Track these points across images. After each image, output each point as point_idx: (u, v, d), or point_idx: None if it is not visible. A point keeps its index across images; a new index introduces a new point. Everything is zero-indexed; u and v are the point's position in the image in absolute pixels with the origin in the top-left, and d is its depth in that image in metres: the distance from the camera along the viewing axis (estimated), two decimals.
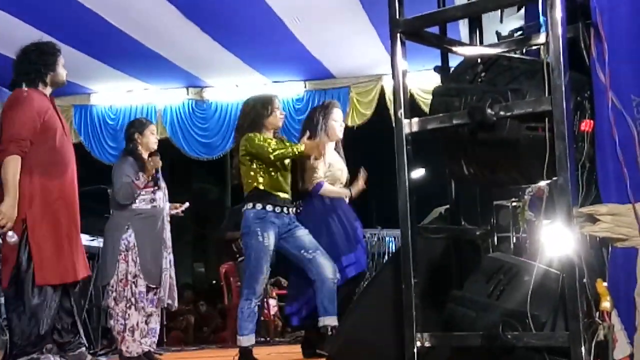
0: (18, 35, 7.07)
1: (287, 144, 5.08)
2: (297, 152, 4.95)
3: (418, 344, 2.61)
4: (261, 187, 4.97)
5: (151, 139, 5.54)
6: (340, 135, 5.56)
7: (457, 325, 2.63)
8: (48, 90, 4.39)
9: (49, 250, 4.16)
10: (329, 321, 4.87)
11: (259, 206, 4.93)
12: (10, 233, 4.07)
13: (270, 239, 4.90)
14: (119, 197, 5.31)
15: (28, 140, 4.14)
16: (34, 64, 4.36)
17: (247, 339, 4.92)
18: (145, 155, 5.50)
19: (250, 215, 4.94)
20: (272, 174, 5.00)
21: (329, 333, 4.86)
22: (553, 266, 2.58)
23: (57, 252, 4.19)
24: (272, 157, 4.89)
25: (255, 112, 5.13)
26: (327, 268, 4.94)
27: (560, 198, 2.37)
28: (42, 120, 4.21)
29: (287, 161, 5.05)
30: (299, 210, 5.22)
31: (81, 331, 4.57)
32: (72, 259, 4.30)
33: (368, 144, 6.17)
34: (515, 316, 2.44)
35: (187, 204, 5.80)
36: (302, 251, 4.99)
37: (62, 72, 4.44)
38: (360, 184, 5.53)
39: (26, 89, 4.30)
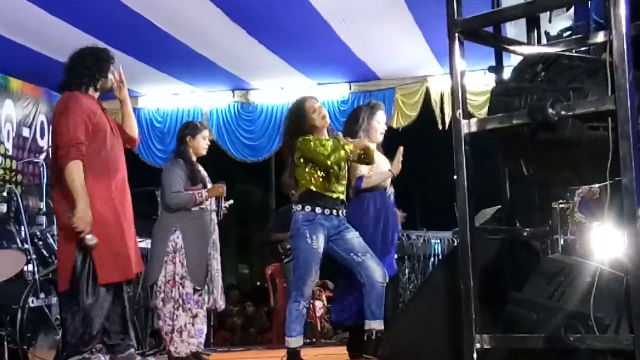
0: (67, 39, 7.22)
1: (342, 143, 4.98)
2: (349, 152, 4.91)
3: (478, 345, 2.59)
4: (313, 188, 4.93)
5: (202, 143, 5.57)
6: (380, 138, 5.52)
7: (517, 327, 2.59)
8: (96, 95, 4.43)
9: (108, 249, 4.18)
10: (375, 325, 4.84)
11: (308, 208, 4.89)
12: (89, 236, 4.09)
13: (319, 242, 4.86)
14: (173, 202, 5.34)
15: (84, 144, 4.18)
16: (89, 68, 4.39)
17: (295, 341, 4.90)
18: (194, 158, 5.55)
19: (300, 217, 4.91)
20: (326, 175, 4.96)
21: (373, 337, 4.83)
22: (609, 267, 2.54)
23: (112, 251, 4.22)
24: (329, 162, 4.85)
25: (296, 116, 5.10)
26: (377, 272, 4.90)
27: (626, 198, 2.33)
28: (93, 123, 4.24)
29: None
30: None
31: (131, 332, 4.61)
32: (129, 256, 4.34)
33: (412, 146, 6.15)
34: (578, 318, 2.41)
35: (231, 201, 5.83)
36: (352, 254, 4.94)
37: (110, 78, 4.46)
38: (397, 160, 5.45)
39: (75, 92, 4.33)
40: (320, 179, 4.95)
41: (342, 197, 5.06)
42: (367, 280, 4.88)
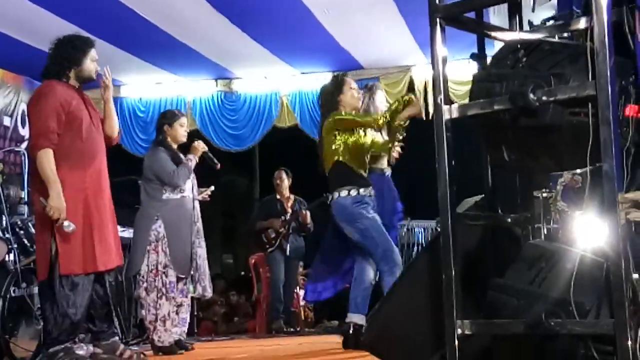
0: (49, 28, 7.14)
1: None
2: (399, 105, 4.93)
3: (459, 331, 2.59)
4: (348, 164, 4.90)
5: (180, 131, 5.56)
6: None
7: (499, 312, 2.60)
8: (76, 83, 4.40)
9: (73, 240, 4.16)
10: (357, 319, 4.82)
11: (353, 192, 4.85)
12: (66, 223, 4.09)
13: (375, 215, 4.87)
14: (178, 181, 5.35)
15: (56, 132, 4.16)
16: (64, 57, 4.37)
17: None
18: (174, 146, 5.54)
19: (348, 202, 4.85)
20: (362, 154, 4.98)
21: (351, 331, 4.81)
22: (592, 254, 2.55)
23: (82, 242, 4.20)
24: (380, 120, 4.87)
25: (330, 96, 5.11)
26: (372, 268, 4.91)
27: (606, 184, 2.33)
28: (67, 112, 4.22)
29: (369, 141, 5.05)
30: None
31: (115, 321, 4.59)
32: (105, 246, 4.31)
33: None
34: (559, 304, 2.41)
35: (212, 187, 5.83)
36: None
37: (89, 67, 4.40)
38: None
39: (52, 80, 4.31)
40: (354, 156, 4.92)
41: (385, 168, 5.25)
42: (359, 270, 4.90)
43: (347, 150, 4.89)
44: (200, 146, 5.58)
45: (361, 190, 4.85)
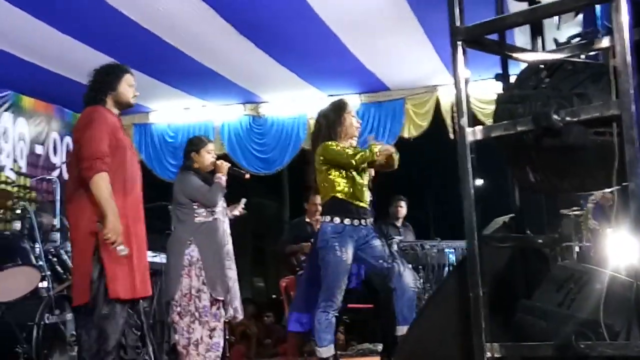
0: (78, 57, 7.29)
1: (369, 144, 5.00)
2: (375, 152, 4.85)
3: (488, 354, 2.57)
4: (339, 195, 4.92)
5: (207, 157, 5.59)
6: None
7: (527, 335, 2.58)
8: (115, 110, 4.43)
9: (120, 264, 4.16)
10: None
11: (337, 220, 4.88)
12: (120, 247, 4.08)
13: (348, 254, 4.86)
14: (214, 199, 5.39)
15: (109, 157, 4.17)
16: (97, 83, 4.43)
17: (326, 350, 4.87)
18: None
19: (328, 229, 4.88)
20: (351, 181, 4.95)
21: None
22: (622, 274, 2.52)
23: (128, 267, 4.20)
24: (354, 161, 4.85)
25: (327, 120, 5.09)
26: (407, 276, 4.90)
27: (633, 203, 2.32)
28: (116, 138, 4.26)
29: (364, 166, 5.00)
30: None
31: (149, 348, 4.60)
32: (143, 274, 4.34)
33: (425, 156, 6.14)
34: (588, 325, 2.39)
35: (244, 200, 5.86)
36: (381, 261, 4.94)
37: (124, 92, 4.43)
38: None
39: (98, 106, 4.35)
40: (347, 187, 4.93)
41: (367, 205, 5.03)
42: (398, 285, 4.86)
43: (342, 187, 4.93)
44: (224, 164, 5.62)
45: (346, 220, 4.87)
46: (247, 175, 5.87)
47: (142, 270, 4.34)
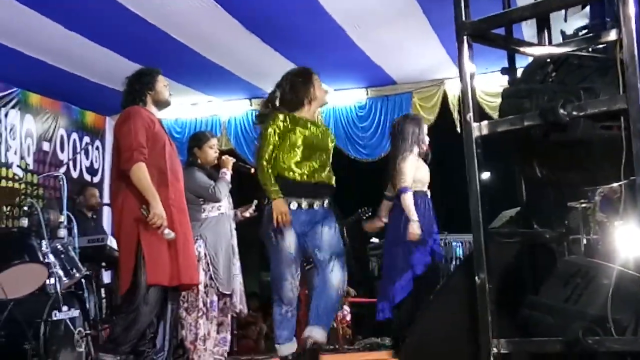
0: (84, 53, 7.31)
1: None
2: (270, 196, 4.45)
3: (494, 350, 2.56)
4: (287, 175, 4.46)
5: (209, 153, 5.60)
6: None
7: (534, 330, 2.57)
8: (154, 110, 4.58)
9: (161, 252, 4.27)
10: (315, 333, 4.38)
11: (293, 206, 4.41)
12: (167, 231, 4.21)
13: (285, 241, 4.41)
14: (220, 195, 5.40)
15: (146, 148, 4.31)
16: (133, 84, 4.59)
17: (285, 348, 4.49)
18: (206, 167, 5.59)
19: (266, 214, 4.45)
20: (304, 158, 4.51)
21: (308, 347, 4.37)
22: (630, 267, 2.51)
23: (170, 255, 4.30)
24: (258, 162, 4.53)
25: (292, 85, 4.75)
26: (335, 277, 4.44)
27: (639, 197, 2.30)
28: (153, 132, 4.39)
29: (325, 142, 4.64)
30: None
31: (165, 347, 4.65)
32: (187, 263, 4.41)
33: (431, 149, 6.14)
34: (596, 321, 2.38)
35: (255, 202, 5.87)
36: (316, 250, 4.44)
37: (162, 91, 4.62)
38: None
39: (135, 105, 4.50)
40: (297, 162, 4.48)
41: (329, 182, 4.58)
42: (321, 281, 4.44)
43: (289, 164, 4.52)
44: (229, 159, 5.63)
45: (291, 204, 4.42)
46: (253, 170, 5.87)
47: (187, 259, 4.43)
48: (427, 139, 5.75)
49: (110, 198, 4.82)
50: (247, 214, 5.82)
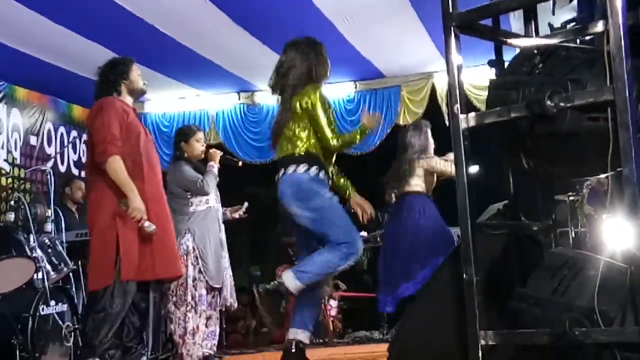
0: (71, 47, 7.27)
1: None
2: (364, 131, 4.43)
3: (482, 342, 2.56)
4: (314, 150, 4.23)
5: (196, 146, 5.58)
6: None
7: (522, 322, 2.57)
8: (128, 99, 4.53)
9: (134, 247, 4.23)
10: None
11: (314, 170, 4.18)
12: (147, 224, 4.18)
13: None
14: (207, 189, 5.38)
15: (120, 140, 4.27)
16: (107, 74, 4.52)
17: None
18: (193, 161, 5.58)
19: (305, 178, 4.13)
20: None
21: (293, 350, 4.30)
22: (617, 259, 2.51)
23: (147, 249, 4.27)
24: (335, 143, 4.23)
25: (317, 54, 4.43)
26: None
27: (627, 189, 2.30)
28: (126, 123, 4.35)
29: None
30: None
31: (150, 340, 4.62)
32: (166, 255, 4.38)
33: None
34: (583, 312, 2.38)
35: (246, 204, 5.86)
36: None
37: (137, 80, 4.55)
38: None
39: (108, 96, 4.45)
40: (317, 143, 4.26)
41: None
42: None
43: (315, 141, 4.28)
44: (216, 152, 5.62)
45: (321, 173, 4.22)
46: (240, 163, 5.86)
47: (164, 251, 4.38)
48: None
49: (86, 193, 4.78)
50: (236, 215, 5.80)
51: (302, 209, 4.13)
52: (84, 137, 9.40)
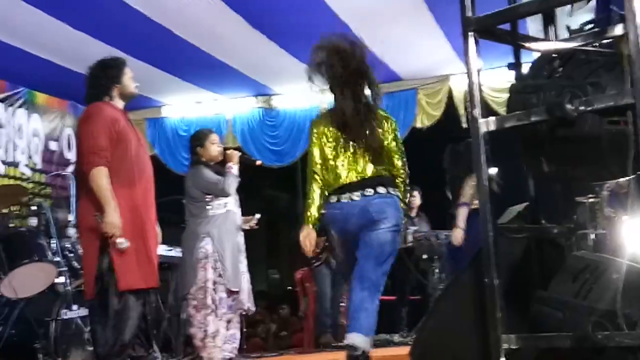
0: (90, 52, 7.27)
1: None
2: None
3: (505, 346, 2.56)
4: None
5: (212, 148, 5.58)
6: None
7: (544, 326, 2.57)
8: (120, 103, 4.43)
9: (130, 255, 4.17)
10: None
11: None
12: (120, 240, 4.10)
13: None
14: (228, 190, 5.38)
15: (108, 150, 4.19)
16: (98, 78, 4.42)
17: None
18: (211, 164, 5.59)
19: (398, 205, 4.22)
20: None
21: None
22: (638, 262, 2.51)
23: (136, 258, 4.21)
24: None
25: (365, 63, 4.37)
26: None
27: None
28: (116, 131, 4.26)
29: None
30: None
31: (154, 343, 4.59)
32: (152, 263, 4.33)
33: (439, 146, 6.14)
34: (605, 315, 2.37)
35: (258, 215, 5.85)
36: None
37: (129, 84, 4.44)
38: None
39: (98, 102, 4.36)
40: None
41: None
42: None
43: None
44: (234, 152, 5.61)
45: None
46: (259, 162, 5.84)
47: (153, 260, 4.33)
48: None
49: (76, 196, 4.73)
50: (246, 227, 5.78)
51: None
52: None
